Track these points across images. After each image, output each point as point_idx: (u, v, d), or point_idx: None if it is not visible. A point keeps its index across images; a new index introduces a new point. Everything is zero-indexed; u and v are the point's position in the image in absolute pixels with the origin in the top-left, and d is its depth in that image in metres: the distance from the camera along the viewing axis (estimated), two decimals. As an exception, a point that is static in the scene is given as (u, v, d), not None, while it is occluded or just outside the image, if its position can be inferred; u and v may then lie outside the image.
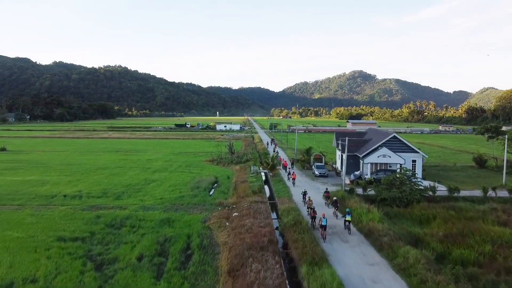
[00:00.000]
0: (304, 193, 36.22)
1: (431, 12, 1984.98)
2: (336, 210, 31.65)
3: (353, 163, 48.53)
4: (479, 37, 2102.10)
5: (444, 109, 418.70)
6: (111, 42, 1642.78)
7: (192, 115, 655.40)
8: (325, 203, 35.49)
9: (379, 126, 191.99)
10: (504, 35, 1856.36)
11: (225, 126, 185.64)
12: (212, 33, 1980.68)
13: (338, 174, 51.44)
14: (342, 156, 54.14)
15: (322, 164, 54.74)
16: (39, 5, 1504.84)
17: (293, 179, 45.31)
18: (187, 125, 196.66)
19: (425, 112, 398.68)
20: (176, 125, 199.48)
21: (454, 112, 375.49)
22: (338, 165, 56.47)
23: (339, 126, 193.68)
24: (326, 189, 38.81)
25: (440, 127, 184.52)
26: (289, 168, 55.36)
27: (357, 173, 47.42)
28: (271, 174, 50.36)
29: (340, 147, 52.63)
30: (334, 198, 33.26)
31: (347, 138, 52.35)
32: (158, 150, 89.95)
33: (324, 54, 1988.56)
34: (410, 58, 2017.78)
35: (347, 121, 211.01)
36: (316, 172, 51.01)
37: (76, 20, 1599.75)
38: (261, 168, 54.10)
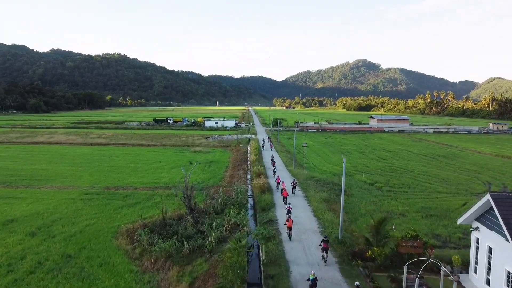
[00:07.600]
0: None
1: (436, 0, 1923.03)
2: None
3: None
4: (485, 27, 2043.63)
5: (464, 100, 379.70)
6: (111, 30, 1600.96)
7: (191, 104, 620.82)
8: (322, 256, 24.12)
9: (412, 124, 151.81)
10: (510, 25, 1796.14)
11: (216, 123, 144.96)
12: (215, 22, 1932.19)
13: None
14: None
15: None
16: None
17: (289, 227, 27.62)
18: (169, 121, 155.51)
19: (445, 103, 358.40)
20: (155, 120, 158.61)
21: (475, 104, 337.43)
22: (482, 277, 17.48)
23: (359, 122, 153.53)
24: (325, 237, 24.82)
25: (491, 125, 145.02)
26: (288, 206, 32.40)
27: None
28: None
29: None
30: None
31: None
32: (78, 177, 51.25)
33: (328, 43, 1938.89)
34: (415, 47, 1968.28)
35: (370, 117, 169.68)
36: None
37: (76, 7, 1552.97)
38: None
